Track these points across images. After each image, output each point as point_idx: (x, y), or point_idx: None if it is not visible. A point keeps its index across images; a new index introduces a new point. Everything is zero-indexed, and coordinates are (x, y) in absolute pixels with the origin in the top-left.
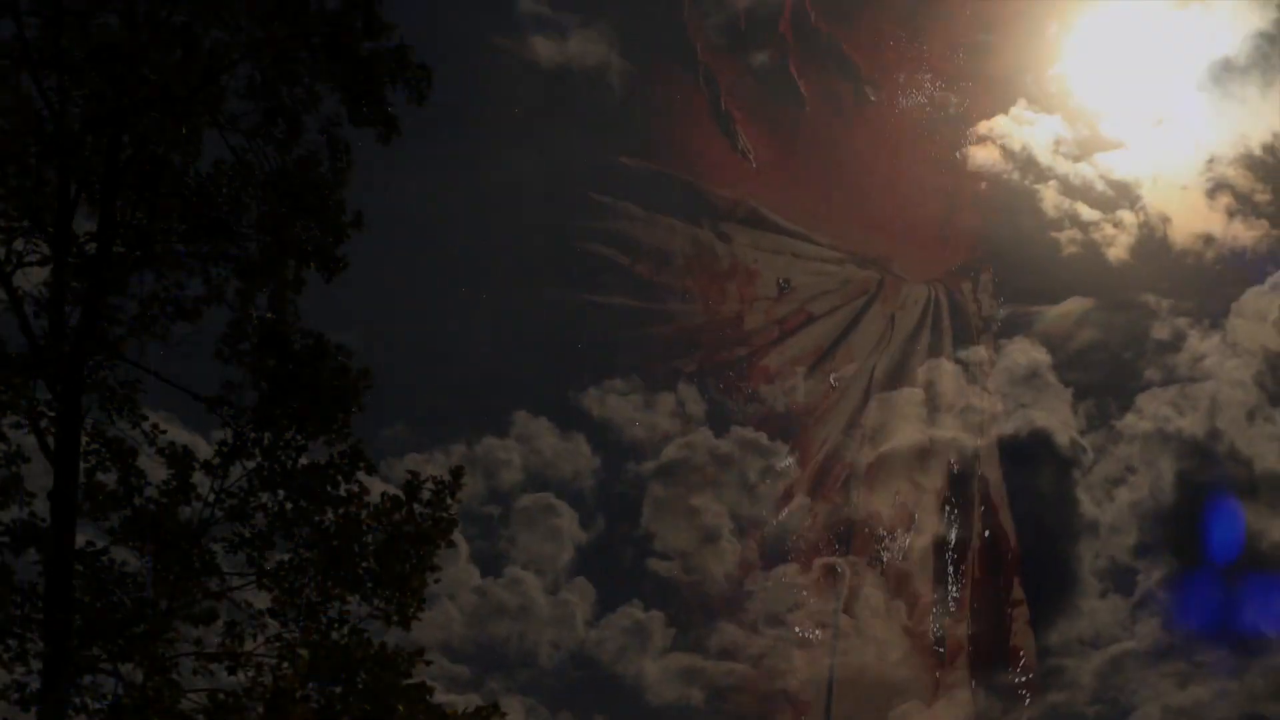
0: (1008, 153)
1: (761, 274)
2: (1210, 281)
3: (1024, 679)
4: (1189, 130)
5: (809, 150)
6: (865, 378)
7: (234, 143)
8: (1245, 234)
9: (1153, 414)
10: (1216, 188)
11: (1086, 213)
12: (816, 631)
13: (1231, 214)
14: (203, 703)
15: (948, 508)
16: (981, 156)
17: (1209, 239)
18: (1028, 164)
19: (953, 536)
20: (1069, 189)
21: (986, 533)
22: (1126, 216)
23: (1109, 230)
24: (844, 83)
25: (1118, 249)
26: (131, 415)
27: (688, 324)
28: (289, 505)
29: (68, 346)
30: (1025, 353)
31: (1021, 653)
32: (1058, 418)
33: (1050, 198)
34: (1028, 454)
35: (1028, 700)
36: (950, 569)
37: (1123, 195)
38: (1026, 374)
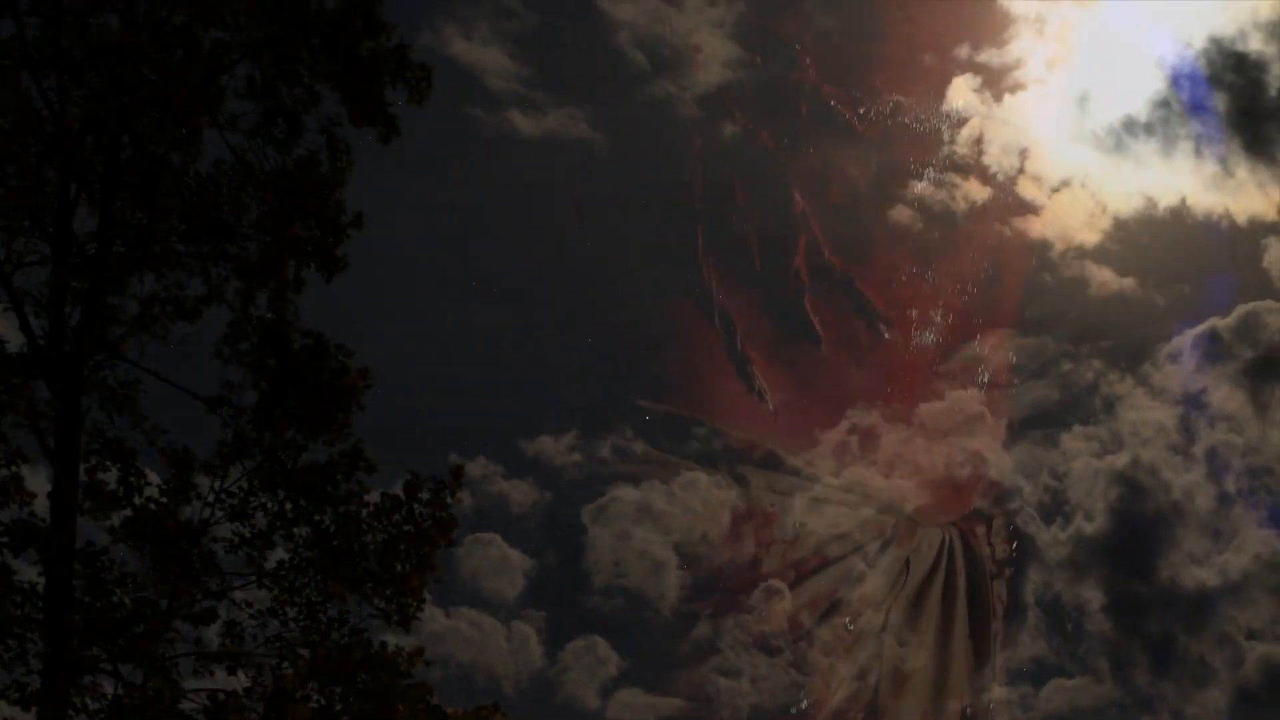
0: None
1: (778, 517)
2: (1129, 334)
3: (972, 710)
4: (1094, 192)
5: (824, 390)
6: (880, 621)
7: (234, 143)
8: (1158, 296)
9: (1081, 451)
10: (1127, 250)
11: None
12: (767, 661)
13: (1143, 277)
14: (203, 703)
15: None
16: (898, 216)
17: (1124, 298)
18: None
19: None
20: (987, 249)
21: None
22: (1045, 277)
23: (1028, 293)
24: (858, 319)
25: (1036, 305)
26: (131, 415)
27: (707, 566)
28: (289, 505)
29: (68, 346)
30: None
31: (972, 682)
32: (992, 452)
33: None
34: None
35: None
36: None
37: (1037, 257)
38: (960, 409)
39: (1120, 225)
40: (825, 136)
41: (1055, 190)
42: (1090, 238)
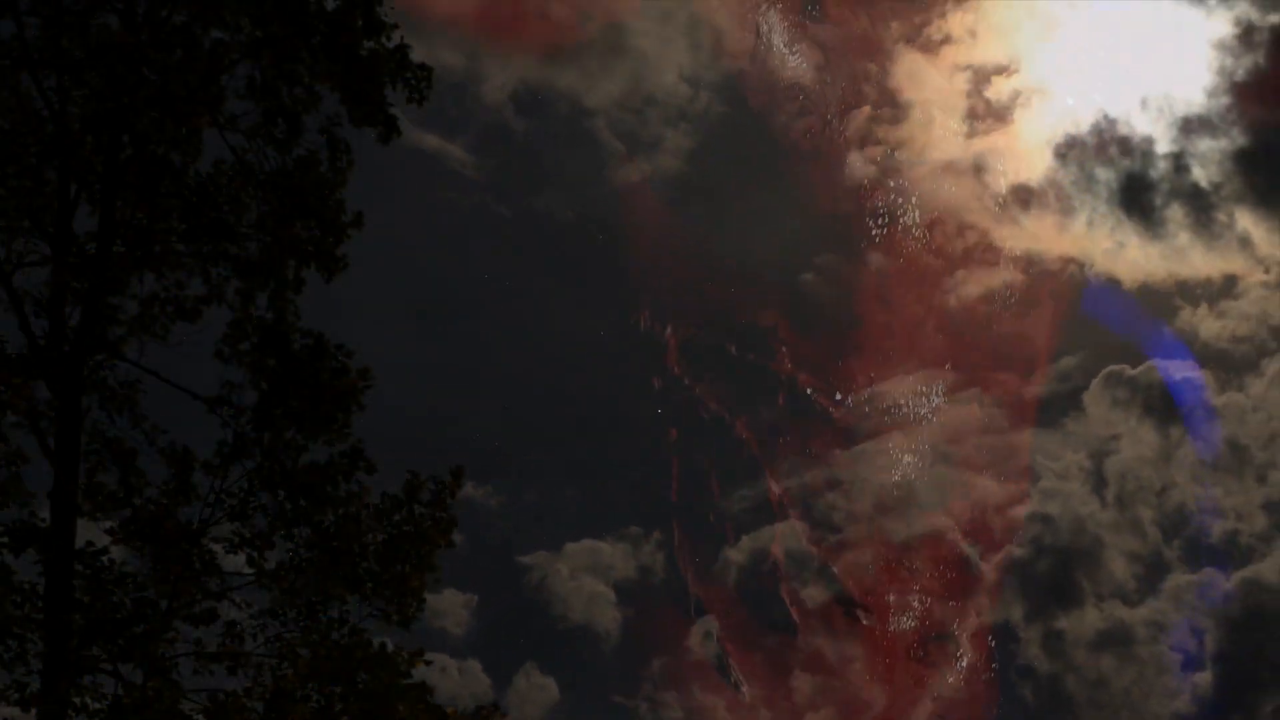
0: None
1: None
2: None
3: None
4: (992, 261)
5: (802, 676)
6: None
7: (234, 143)
8: (1069, 362)
9: (994, 490)
10: (1030, 312)
11: None
12: (706, 696)
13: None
14: (203, 703)
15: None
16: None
17: (1034, 363)
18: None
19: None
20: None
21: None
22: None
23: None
24: (836, 608)
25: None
26: (132, 415)
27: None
28: (289, 505)
29: (68, 346)
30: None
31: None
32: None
33: None
34: None
35: None
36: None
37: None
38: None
39: (1018, 290)
40: (803, 424)
41: (958, 259)
42: (991, 305)
